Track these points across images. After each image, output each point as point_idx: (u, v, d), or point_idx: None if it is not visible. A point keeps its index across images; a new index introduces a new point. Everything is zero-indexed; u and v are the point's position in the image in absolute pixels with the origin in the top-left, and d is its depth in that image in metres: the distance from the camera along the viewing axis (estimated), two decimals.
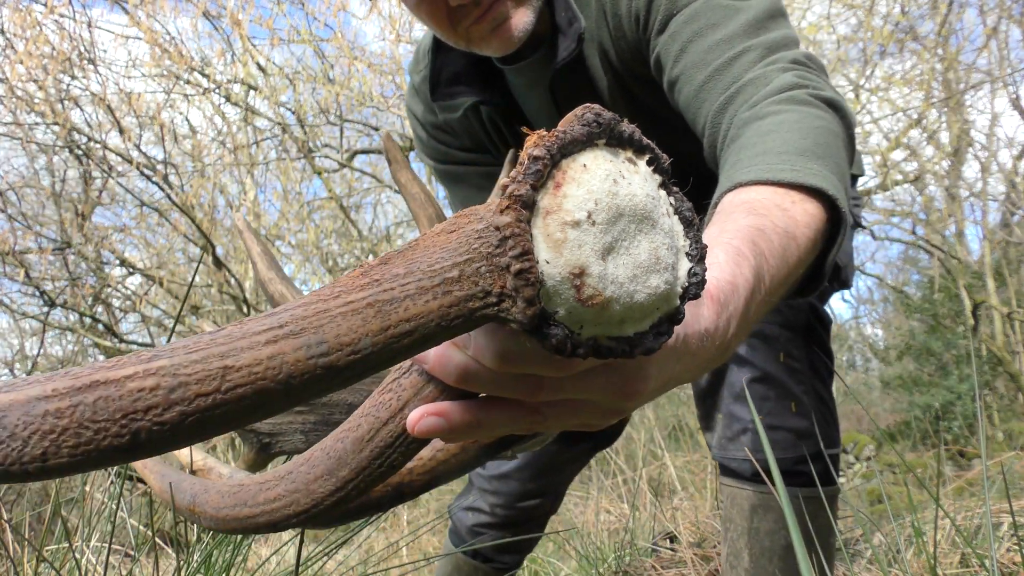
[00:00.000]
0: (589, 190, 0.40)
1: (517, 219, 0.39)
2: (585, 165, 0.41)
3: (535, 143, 0.40)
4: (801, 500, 1.15)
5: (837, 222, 0.72)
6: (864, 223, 9.95)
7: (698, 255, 0.45)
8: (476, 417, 0.46)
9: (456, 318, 0.39)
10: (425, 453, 0.60)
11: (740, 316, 0.55)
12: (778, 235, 0.60)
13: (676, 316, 0.44)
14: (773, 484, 1.12)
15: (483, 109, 1.32)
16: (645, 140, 0.44)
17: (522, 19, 1.12)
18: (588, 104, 0.43)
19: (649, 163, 0.44)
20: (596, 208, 0.40)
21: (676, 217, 0.45)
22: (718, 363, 0.57)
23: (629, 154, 0.43)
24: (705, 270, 0.46)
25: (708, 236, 0.62)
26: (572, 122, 0.41)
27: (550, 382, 0.45)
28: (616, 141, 0.43)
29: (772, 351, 1.19)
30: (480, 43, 1.15)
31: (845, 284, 1.24)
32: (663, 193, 0.45)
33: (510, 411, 0.47)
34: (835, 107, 0.87)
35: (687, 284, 0.45)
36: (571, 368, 0.44)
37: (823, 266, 0.73)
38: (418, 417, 0.46)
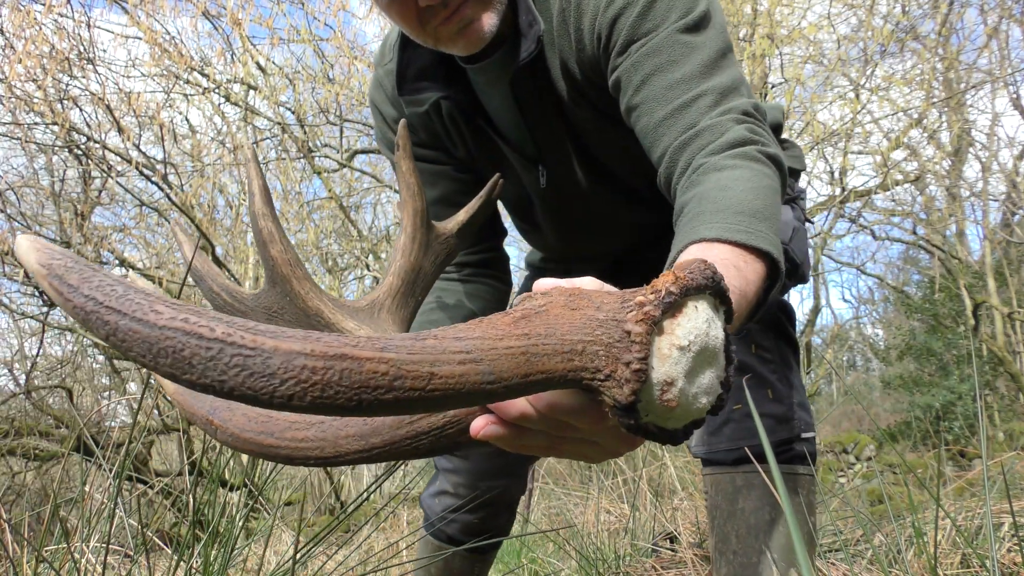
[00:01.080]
0: (694, 326, 0.56)
1: (647, 332, 0.54)
2: (696, 307, 0.57)
3: (672, 281, 0.56)
4: (783, 478, 1.21)
5: (776, 275, 0.89)
6: (865, 222, 9.94)
7: (726, 385, 0.61)
8: (521, 440, 0.61)
9: (567, 379, 0.54)
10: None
11: None
12: (735, 295, 0.73)
13: (700, 423, 0.61)
14: (763, 462, 1.17)
15: (444, 105, 1.38)
16: (728, 296, 0.61)
17: (488, 21, 1.19)
18: (706, 261, 0.59)
19: (725, 314, 0.61)
20: (694, 340, 0.56)
21: (724, 354, 0.61)
22: None
23: (719, 304, 0.60)
24: (728, 394, 0.61)
25: None
26: (695, 272, 0.57)
27: (579, 430, 0.61)
28: (716, 294, 0.59)
29: (744, 343, 1.27)
30: (447, 43, 1.21)
31: (803, 279, 1.34)
32: (724, 335, 0.61)
33: (542, 440, 0.62)
34: (776, 163, 1.02)
35: (715, 403, 0.61)
36: (603, 425, 0.59)
37: (765, 303, 0.89)
38: (483, 424, 0.60)
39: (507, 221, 1.73)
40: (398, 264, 1.06)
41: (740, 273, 0.81)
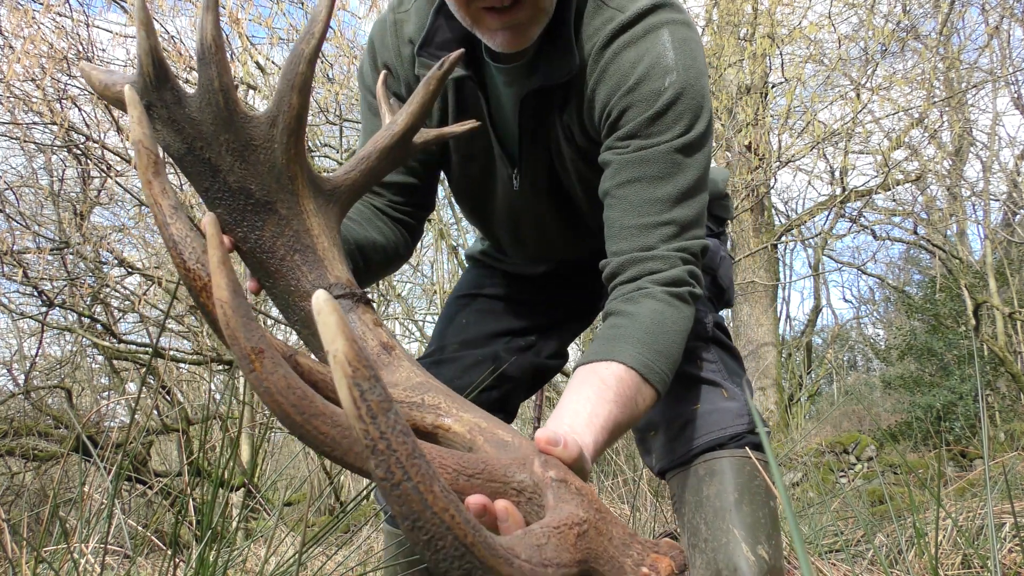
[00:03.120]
0: None
1: (673, 570, 0.79)
2: None
3: (676, 566, 0.79)
4: (742, 461, 1.33)
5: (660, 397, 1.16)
6: (865, 222, 9.93)
7: None
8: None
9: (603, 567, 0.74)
10: None
11: (593, 457, 0.98)
12: (627, 418, 1.07)
13: None
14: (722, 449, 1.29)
15: (452, 82, 1.41)
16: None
17: (533, 32, 1.24)
18: (683, 552, 0.82)
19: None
20: None
21: None
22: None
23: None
24: None
25: (590, 403, 1.03)
26: (679, 559, 0.81)
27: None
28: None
29: (690, 360, 1.40)
30: (486, 31, 1.24)
31: (728, 304, 1.54)
32: None
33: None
34: (694, 301, 1.24)
35: None
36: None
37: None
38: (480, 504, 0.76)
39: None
40: (371, 164, 1.07)
41: (637, 398, 1.10)
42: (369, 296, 1.04)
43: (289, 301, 0.97)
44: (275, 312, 8.56)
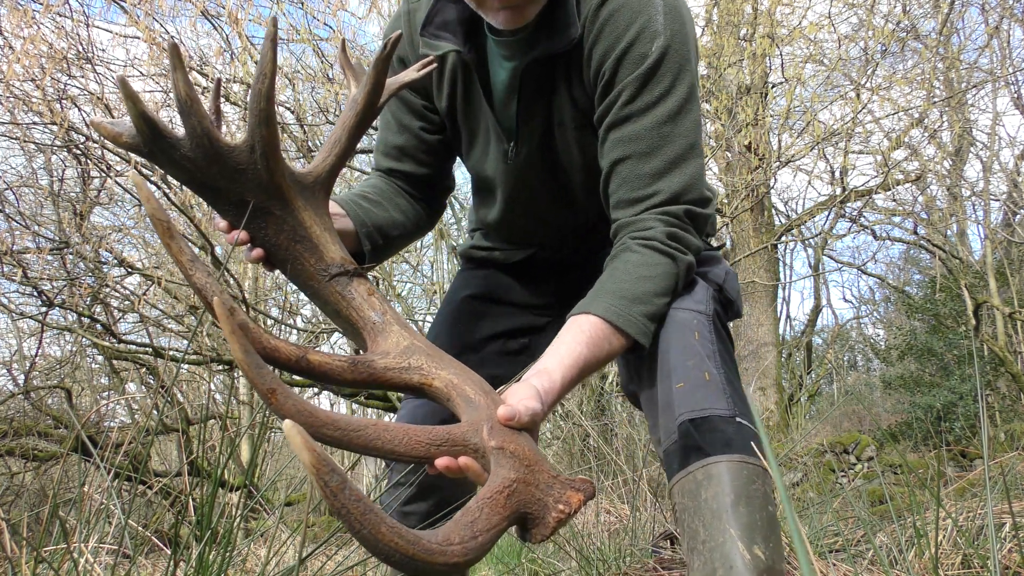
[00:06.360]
0: None
1: (583, 501, 0.99)
2: None
3: (584, 496, 0.99)
4: (736, 468, 1.31)
5: (639, 344, 1.31)
6: (865, 222, 9.92)
7: None
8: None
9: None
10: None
11: (552, 405, 1.16)
12: (596, 359, 1.25)
13: None
14: (715, 451, 1.28)
15: (452, 58, 1.50)
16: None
17: (532, 11, 1.33)
18: (589, 481, 1.02)
19: None
20: None
21: None
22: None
23: None
24: None
25: (565, 345, 1.23)
26: (588, 490, 1.01)
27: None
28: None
29: (688, 329, 1.42)
30: (488, 11, 1.34)
31: (737, 314, 1.59)
32: None
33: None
34: (675, 258, 1.35)
35: None
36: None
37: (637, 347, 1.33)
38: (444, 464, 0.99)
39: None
40: (344, 146, 1.22)
41: (607, 346, 1.27)
42: (363, 269, 1.21)
43: (301, 281, 1.17)
44: (275, 312, 8.56)
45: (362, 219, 1.48)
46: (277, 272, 1.24)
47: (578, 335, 1.25)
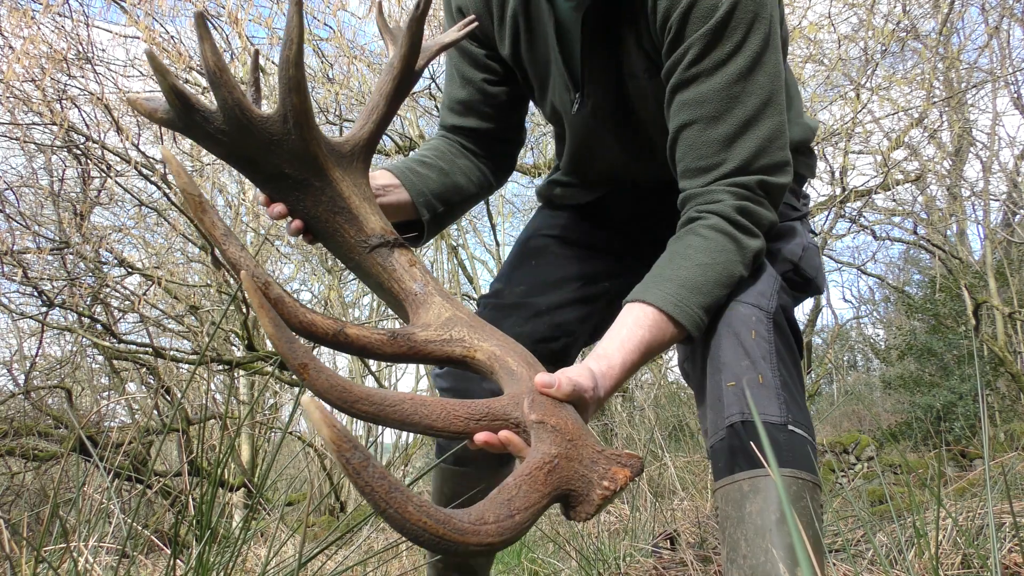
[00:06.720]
0: None
1: (630, 478, 0.93)
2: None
3: (632, 473, 0.94)
4: (785, 482, 1.26)
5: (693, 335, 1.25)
6: (865, 222, 9.92)
7: None
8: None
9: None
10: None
11: (612, 388, 1.12)
12: (658, 343, 1.20)
13: None
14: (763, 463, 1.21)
15: (511, 1, 1.43)
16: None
17: None
18: (638, 457, 0.95)
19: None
20: None
21: None
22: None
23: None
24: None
25: (626, 328, 1.19)
26: (636, 466, 0.95)
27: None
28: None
29: (746, 327, 1.34)
30: None
31: (818, 290, 1.50)
32: None
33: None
34: (737, 241, 1.26)
35: None
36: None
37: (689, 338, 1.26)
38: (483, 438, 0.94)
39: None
40: (382, 112, 1.17)
41: (662, 335, 1.21)
42: (406, 239, 1.19)
43: (342, 253, 1.15)
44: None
45: (418, 187, 1.42)
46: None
47: (640, 319, 1.20)
